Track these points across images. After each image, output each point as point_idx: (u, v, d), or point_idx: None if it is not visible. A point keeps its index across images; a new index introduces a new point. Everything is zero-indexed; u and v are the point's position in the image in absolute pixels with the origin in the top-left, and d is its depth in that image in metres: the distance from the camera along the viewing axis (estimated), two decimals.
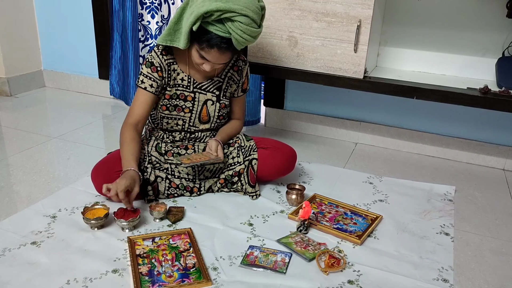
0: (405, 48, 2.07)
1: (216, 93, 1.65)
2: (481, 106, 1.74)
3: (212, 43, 1.43)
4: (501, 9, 1.84)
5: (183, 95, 1.62)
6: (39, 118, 2.40)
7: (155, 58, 1.56)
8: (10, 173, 1.78)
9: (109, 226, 1.43)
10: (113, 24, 2.51)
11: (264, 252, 1.32)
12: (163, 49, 1.57)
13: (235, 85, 1.70)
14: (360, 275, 1.26)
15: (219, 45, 1.43)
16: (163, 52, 1.57)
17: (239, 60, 1.68)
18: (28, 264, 1.24)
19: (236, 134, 1.74)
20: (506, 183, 1.91)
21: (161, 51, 1.57)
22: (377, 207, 1.63)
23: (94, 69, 2.77)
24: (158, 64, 1.56)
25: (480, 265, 1.35)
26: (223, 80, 1.66)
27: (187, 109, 1.62)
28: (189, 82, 1.61)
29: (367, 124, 2.24)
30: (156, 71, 1.56)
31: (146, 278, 1.20)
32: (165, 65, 1.57)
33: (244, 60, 1.70)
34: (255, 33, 1.45)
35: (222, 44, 1.43)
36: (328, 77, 1.90)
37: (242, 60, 1.69)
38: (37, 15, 2.78)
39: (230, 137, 1.71)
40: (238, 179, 1.65)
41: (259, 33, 1.49)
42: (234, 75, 1.68)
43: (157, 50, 1.57)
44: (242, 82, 1.71)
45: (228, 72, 1.67)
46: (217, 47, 1.43)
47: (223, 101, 1.67)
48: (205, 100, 1.64)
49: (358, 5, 1.75)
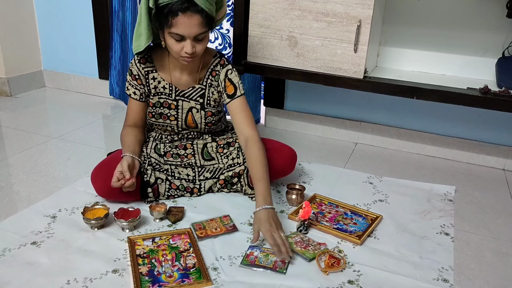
0: (405, 48, 2.07)
1: (200, 101, 1.62)
2: (481, 106, 1.74)
3: (173, 9, 1.35)
4: (501, 9, 1.84)
5: (166, 103, 1.61)
6: (39, 118, 2.40)
7: (133, 66, 1.58)
8: (10, 173, 1.78)
9: (109, 226, 1.43)
10: (113, 24, 2.51)
11: (264, 252, 1.32)
12: (142, 58, 1.57)
13: (216, 92, 1.62)
14: (360, 275, 1.26)
15: (181, 8, 1.34)
16: (141, 61, 1.58)
17: (217, 65, 1.60)
18: (28, 264, 1.24)
19: (265, 161, 1.47)
20: (506, 183, 1.91)
21: (139, 59, 1.57)
22: (377, 207, 1.63)
23: (94, 69, 2.76)
24: (136, 72, 1.58)
25: (480, 265, 1.35)
26: (205, 87, 1.62)
27: (172, 117, 1.62)
28: (171, 90, 1.60)
29: (367, 124, 2.24)
30: (135, 79, 1.58)
31: (146, 278, 1.20)
32: (143, 73, 1.58)
33: (224, 64, 1.60)
34: None
35: (184, 4, 1.34)
36: (328, 77, 1.90)
37: (220, 64, 1.60)
38: (37, 15, 2.78)
39: (268, 175, 1.45)
40: (238, 180, 1.64)
41: None
42: (212, 81, 1.61)
43: (136, 59, 1.58)
44: (223, 87, 1.59)
45: (208, 78, 1.62)
46: (181, 10, 1.35)
47: (208, 109, 1.63)
48: (189, 108, 1.62)
49: (358, 5, 1.75)
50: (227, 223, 1.47)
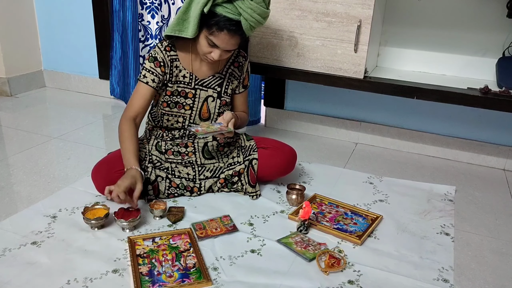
0: (405, 48, 2.07)
1: (218, 90, 1.66)
2: (481, 106, 1.74)
3: (221, 25, 1.43)
4: (501, 9, 1.84)
5: (184, 92, 1.63)
6: (39, 118, 2.40)
7: (159, 53, 1.58)
8: (10, 173, 1.78)
9: (109, 226, 1.43)
10: (113, 24, 2.51)
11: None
12: (167, 45, 1.59)
13: (236, 81, 1.71)
14: (360, 275, 1.26)
15: (229, 27, 1.43)
16: (166, 48, 1.59)
17: (239, 56, 1.70)
18: (28, 264, 1.24)
19: (245, 122, 1.77)
20: (506, 183, 1.91)
21: (165, 47, 1.59)
22: (377, 207, 1.63)
23: (94, 69, 2.77)
24: (161, 59, 1.58)
25: (480, 265, 1.35)
26: (224, 76, 1.67)
27: (188, 106, 1.64)
28: (191, 79, 1.63)
29: (367, 124, 2.24)
30: (159, 66, 1.58)
31: (146, 278, 1.20)
32: (168, 61, 1.59)
33: (245, 56, 1.72)
34: (264, 14, 1.47)
35: (232, 26, 1.44)
36: (328, 77, 1.90)
37: (242, 56, 1.71)
38: (37, 15, 2.78)
39: (240, 120, 1.69)
40: (238, 179, 1.65)
41: (268, 14, 1.50)
42: (235, 71, 1.69)
43: (161, 46, 1.59)
44: (243, 78, 1.72)
45: (229, 68, 1.68)
46: (227, 29, 1.44)
47: (224, 98, 1.67)
48: (206, 97, 1.65)
49: (358, 5, 1.75)
50: (227, 223, 1.47)
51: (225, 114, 1.58)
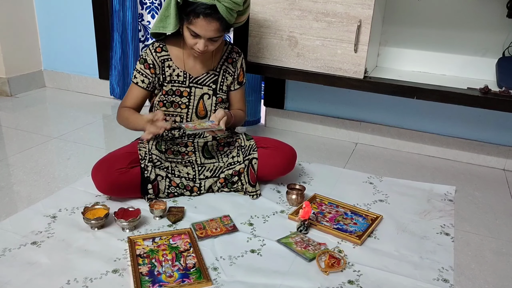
0: (405, 48, 2.07)
1: (213, 87, 1.67)
2: (481, 106, 1.74)
3: (197, 11, 1.45)
4: (501, 9, 1.84)
5: (179, 91, 1.64)
6: (39, 118, 2.40)
7: (149, 55, 1.61)
8: (10, 173, 1.78)
9: (109, 226, 1.43)
10: (113, 24, 2.51)
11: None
12: (158, 46, 1.62)
13: (231, 78, 1.71)
14: (360, 275, 1.26)
15: (204, 12, 1.44)
16: (157, 49, 1.62)
17: (233, 52, 1.71)
18: (28, 264, 1.24)
19: (241, 119, 1.76)
20: (506, 183, 1.91)
21: (156, 48, 1.62)
22: (377, 207, 1.63)
23: (94, 69, 2.77)
24: (151, 61, 1.61)
25: (480, 265, 1.35)
26: (218, 73, 1.68)
27: (184, 105, 1.65)
28: (185, 78, 1.64)
29: (367, 124, 2.24)
30: (149, 68, 1.61)
31: (146, 278, 1.20)
32: (159, 62, 1.61)
33: (238, 52, 1.73)
34: None
35: (207, 10, 1.44)
36: (328, 77, 1.90)
37: (236, 52, 1.72)
38: (37, 15, 2.78)
39: (235, 118, 1.69)
40: (238, 178, 1.65)
41: None
42: (229, 68, 1.70)
43: (152, 48, 1.62)
44: (237, 74, 1.72)
45: (223, 64, 1.69)
46: (203, 14, 1.44)
47: (219, 95, 1.69)
48: (201, 95, 1.66)
49: (358, 5, 1.75)
50: (227, 223, 1.47)
51: (217, 112, 1.58)
